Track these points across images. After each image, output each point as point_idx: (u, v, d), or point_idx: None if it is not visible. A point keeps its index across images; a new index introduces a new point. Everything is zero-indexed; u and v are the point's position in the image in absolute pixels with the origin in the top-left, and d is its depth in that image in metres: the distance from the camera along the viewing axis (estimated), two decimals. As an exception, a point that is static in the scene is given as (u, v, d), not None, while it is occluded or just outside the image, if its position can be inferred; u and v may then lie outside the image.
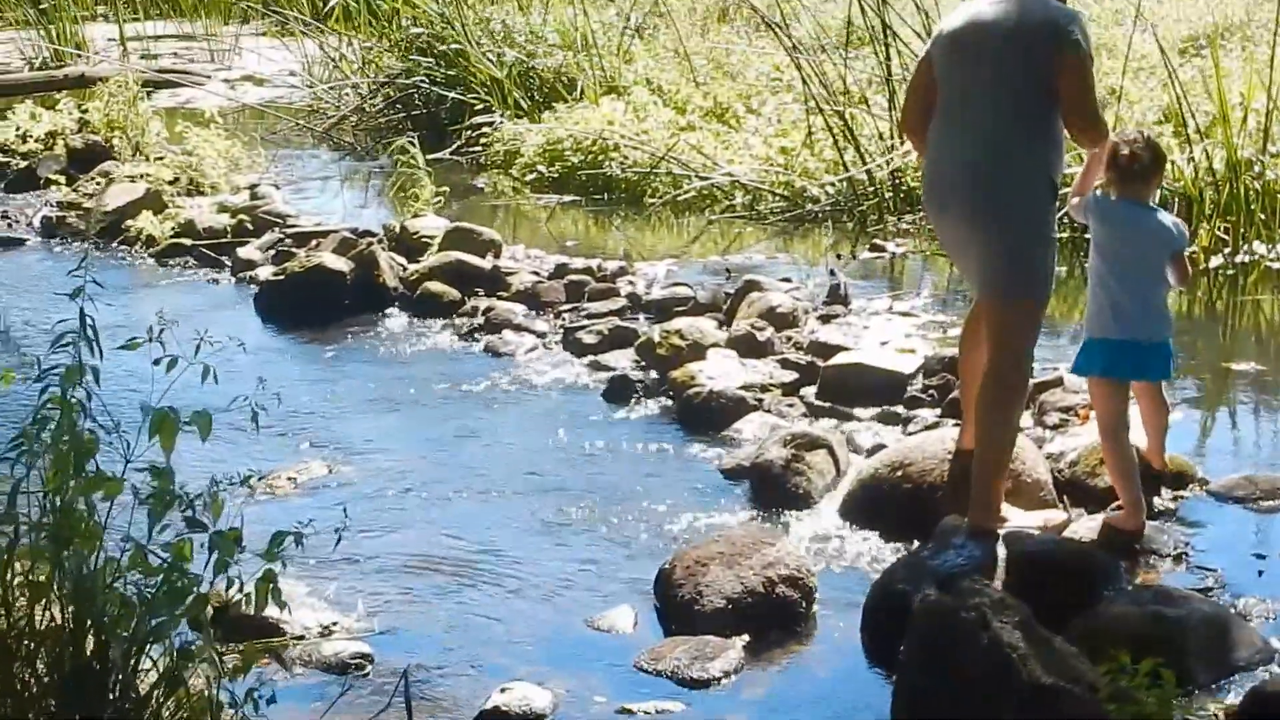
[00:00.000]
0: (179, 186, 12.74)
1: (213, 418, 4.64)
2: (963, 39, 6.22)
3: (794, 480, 7.03)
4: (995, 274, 6.22)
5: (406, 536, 6.80)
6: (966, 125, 6.21)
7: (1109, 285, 6.40)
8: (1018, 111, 6.12)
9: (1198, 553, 6.32)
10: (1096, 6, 17.22)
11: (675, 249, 11.50)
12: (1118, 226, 6.43)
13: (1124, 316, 6.38)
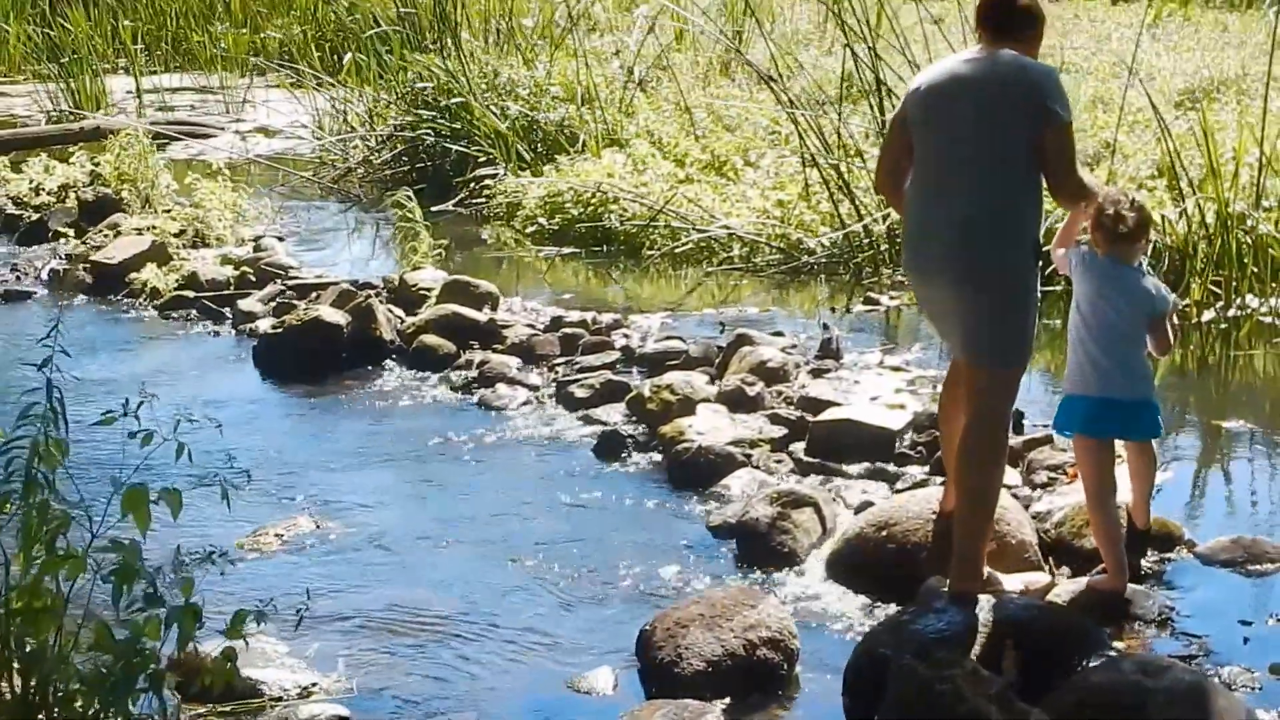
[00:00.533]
0: (185, 239, 12.63)
1: (207, 475, 4.47)
2: (942, 99, 6.04)
3: (779, 539, 6.86)
4: (980, 340, 6.07)
5: (391, 594, 6.64)
6: (950, 188, 6.03)
7: (1087, 343, 6.25)
8: (1003, 174, 5.95)
9: (1183, 618, 6.12)
10: (1095, 59, 17.10)
11: (672, 301, 11.35)
12: (1100, 285, 6.24)
13: (1102, 374, 6.23)
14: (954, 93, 5.99)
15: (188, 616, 4.19)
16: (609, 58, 17.03)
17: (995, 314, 6.00)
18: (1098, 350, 6.22)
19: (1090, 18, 21.56)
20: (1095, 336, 6.22)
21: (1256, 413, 8.85)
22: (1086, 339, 6.24)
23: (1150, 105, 11.39)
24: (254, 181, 15.86)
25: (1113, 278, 6.23)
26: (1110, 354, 6.21)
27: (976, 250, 5.97)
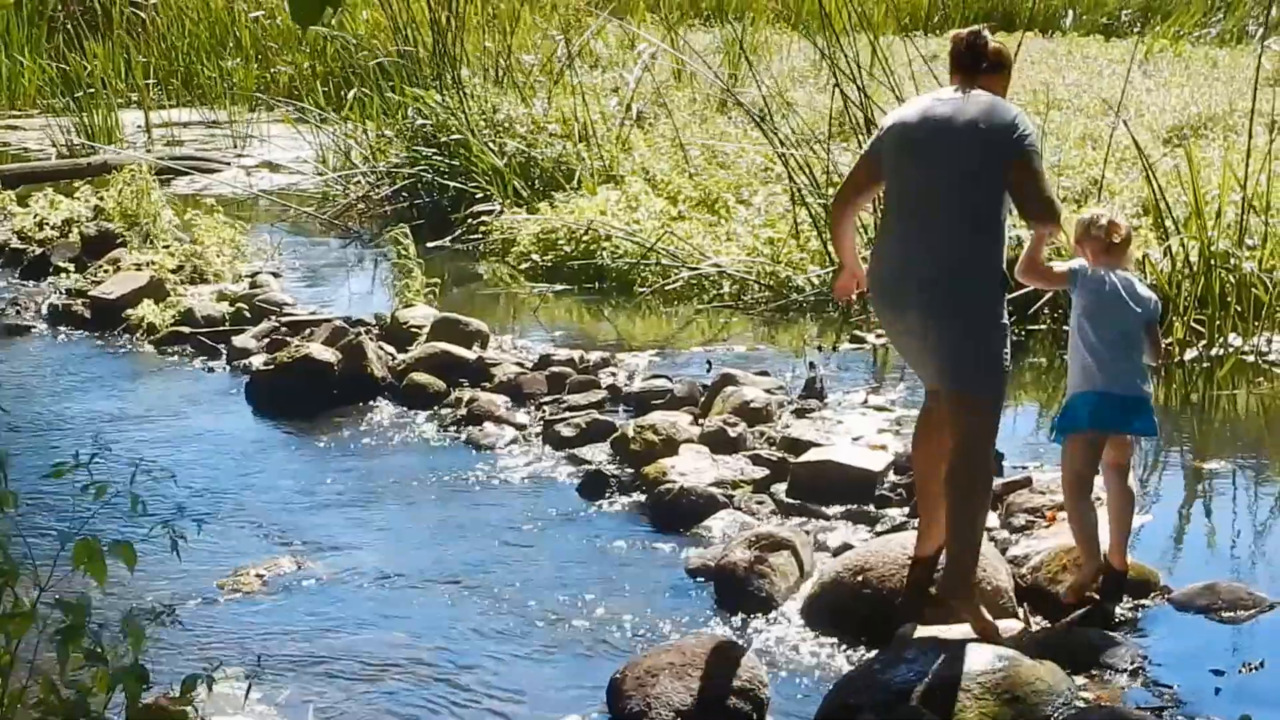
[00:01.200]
0: (183, 275, 12.50)
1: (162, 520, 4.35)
2: (920, 136, 6.07)
3: (757, 583, 6.71)
4: (957, 365, 6.07)
5: (367, 637, 6.50)
6: (926, 224, 6.04)
7: (1094, 346, 6.39)
8: (977, 212, 6.01)
9: (1155, 667, 5.96)
10: (1085, 95, 16.99)
11: (662, 338, 11.22)
12: (1107, 295, 6.40)
13: (1107, 371, 6.37)
14: (931, 130, 6.04)
15: (130, 679, 4.04)
16: (608, 94, 16.96)
17: (969, 339, 6.04)
18: (1104, 350, 6.37)
19: (1084, 54, 21.50)
20: (1100, 339, 6.37)
21: (1237, 454, 8.69)
22: (1093, 342, 6.38)
23: (1134, 145, 11.22)
24: (258, 216, 15.80)
25: (1115, 285, 6.41)
26: (1115, 353, 6.37)
27: (952, 282, 6.01)
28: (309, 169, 17.33)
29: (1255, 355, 10.02)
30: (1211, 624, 6.33)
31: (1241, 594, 6.44)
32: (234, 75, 21.67)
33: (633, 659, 5.93)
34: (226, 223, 13.30)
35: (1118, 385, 6.36)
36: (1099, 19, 25.27)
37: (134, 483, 4.61)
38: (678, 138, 14.80)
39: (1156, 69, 19.71)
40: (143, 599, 6.62)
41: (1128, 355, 6.41)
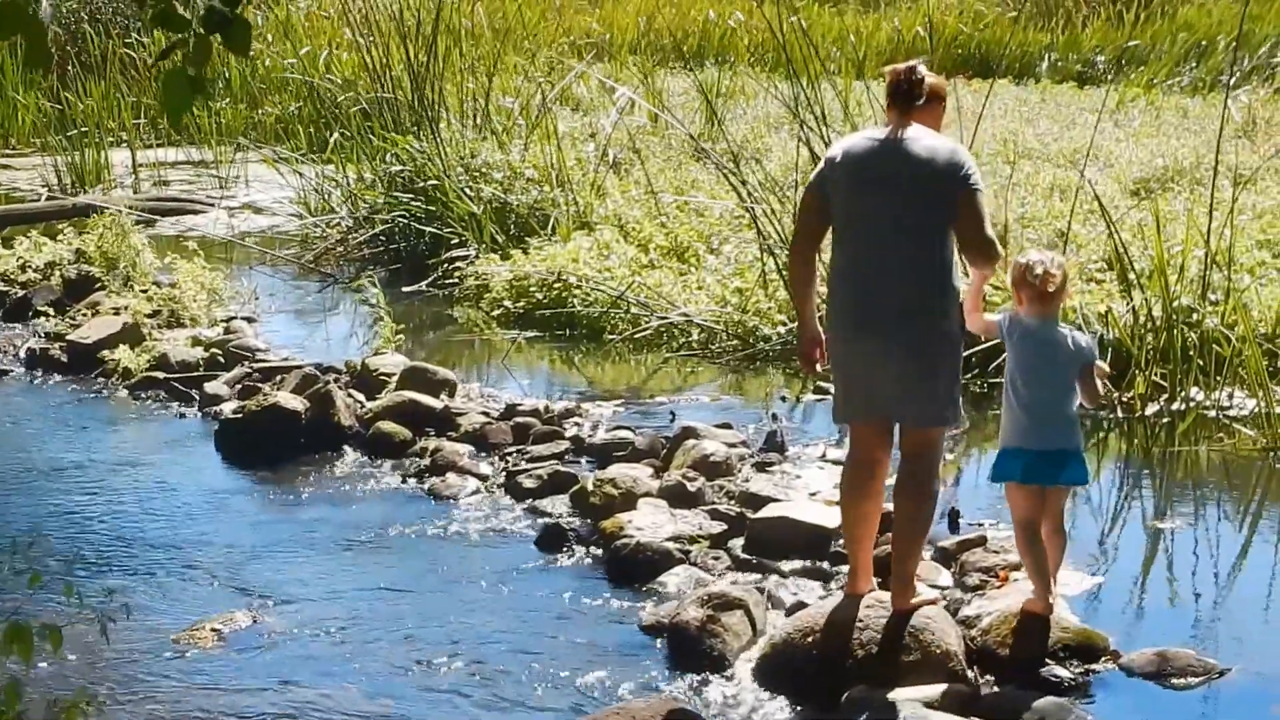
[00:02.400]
0: (159, 319, 12.39)
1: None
2: (870, 172, 6.25)
3: (709, 641, 6.60)
4: (922, 398, 6.30)
5: (318, 695, 6.39)
6: (885, 256, 6.25)
7: (1025, 399, 6.44)
8: (932, 245, 6.19)
9: (1101, 735, 5.86)
10: (1056, 145, 16.93)
11: (629, 386, 11.11)
12: (1036, 344, 6.46)
13: (1040, 428, 6.43)
14: (882, 166, 6.23)
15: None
16: (585, 139, 16.88)
17: (934, 370, 6.26)
18: (1036, 405, 6.42)
19: (1056, 101, 21.46)
20: (1033, 392, 6.42)
21: (1195, 513, 8.56)
22: (1025, 395, 6.43)
23: (1097, 202, 11.13)
24: (238, 258, 15.69)
25: (1048, 336, 6.46)
26: (1048, 407, 6.42)
27: (916, 310, 6.19)
28: (291, 211, 17.21)
29: (1217, 411, 9.91)
30: (1160, 690, 6.22)
31: (1192, 661, 6.33)
32: (222, 116, 21.57)
33: None
34: (205, 266, 13.18)
35: (1048, 442, 6.44)
36: (1074, 66, 25.24)
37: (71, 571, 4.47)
38: (650, 185, 14.70)
39: (1128, 118, 19.67)
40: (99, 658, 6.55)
41: (1059, 409, 6.46)
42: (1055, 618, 6.49)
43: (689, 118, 18.15)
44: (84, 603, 4.53)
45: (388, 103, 16.63)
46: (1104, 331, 10.27)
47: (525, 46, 21.79)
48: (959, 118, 12.66)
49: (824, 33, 24.09)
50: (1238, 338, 9.93)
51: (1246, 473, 9.22)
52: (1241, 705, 6.18)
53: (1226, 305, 10.24)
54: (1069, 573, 7.32)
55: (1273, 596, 7.41)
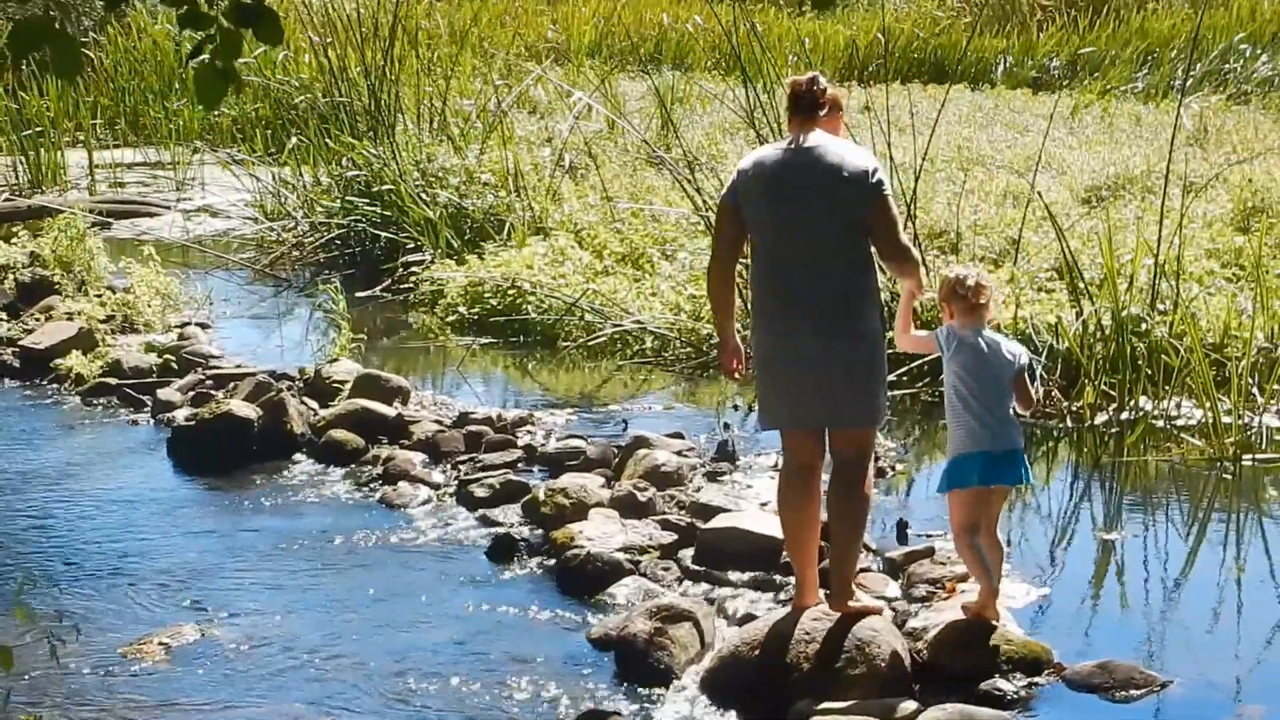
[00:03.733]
0: (113, 324, 12.33)
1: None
2: (786, 182, 6.36)
3: (656, 654, 6.59)
4: (859, 412, 6.45)
5: (262, 712, 6.35)
6: (809, 263, 6.35)
7: (973, 406, 6.55)
8: (854, 251, 6.36)
9: (1044, 748, 5.87)
10: (1009, 152, 16.98)
11: (583, 394, 11.10)
12: (977, 353, 6.56)
13: (991, 431, 6.55)
14: (794, 173, 6.36)
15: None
16: (541, 144, 16.86)
17: (863, 371, 6.39)
18: (984, 410, 6.54)
19: (1010, 108, 21.51)
20: (980, 399, 6.54)
21: (1141, 524, 8.59)
22: (971, 403, 6.55)
23: (1048, 211, 11.17)
24: (193, 262, 15.61)
25: (986, 345, 6.58)
26: (995, 412, 6.55)
27: (841, 307, 6.34)
28: (246, 214, 17.14)
29: (1165, 420, 9.94)
30: (1103, 704, 6.23)
31: (1134, 673, 6.35)
32: (179, 117, 21.46)
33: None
34: (160, 271, 13.11)
35: (1000, 443, 6.56)
36: (1029, 72, 25.32)
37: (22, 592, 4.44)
38: (605, 191, 14.69)
39: (1081, 125, 19.73)
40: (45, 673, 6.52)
41: (1005, 411, 6.59)
42: (1000, 630, 6.52)
43: (645, 123, 18.14)
44: (35, 621, 4.45)
45: (344, 106, 16.58)
46: (1054, 341, 10.32)
47: (482, 50, 21.74)
48: (913, 123, 12.71)
49: (780, 37, 24.14)
50: (1186, 348, 9.97)
51: (1194, 483, 9.26)
52: (1184, 717, 6.20)
53: (1175, 315, 10.28)
54: (1015, 584, 7.37)
55: (1219, 608, 7.42)
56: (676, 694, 6.44)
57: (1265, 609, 7.36)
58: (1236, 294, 10.98)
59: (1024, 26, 27.20)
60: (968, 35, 25.99)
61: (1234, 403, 9.58)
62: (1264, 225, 12.82)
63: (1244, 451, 9.35)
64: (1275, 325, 10.12)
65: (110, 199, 18.30)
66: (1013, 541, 8.05)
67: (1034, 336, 10.33)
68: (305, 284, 14.51)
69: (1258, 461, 9.31)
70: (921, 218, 12.67)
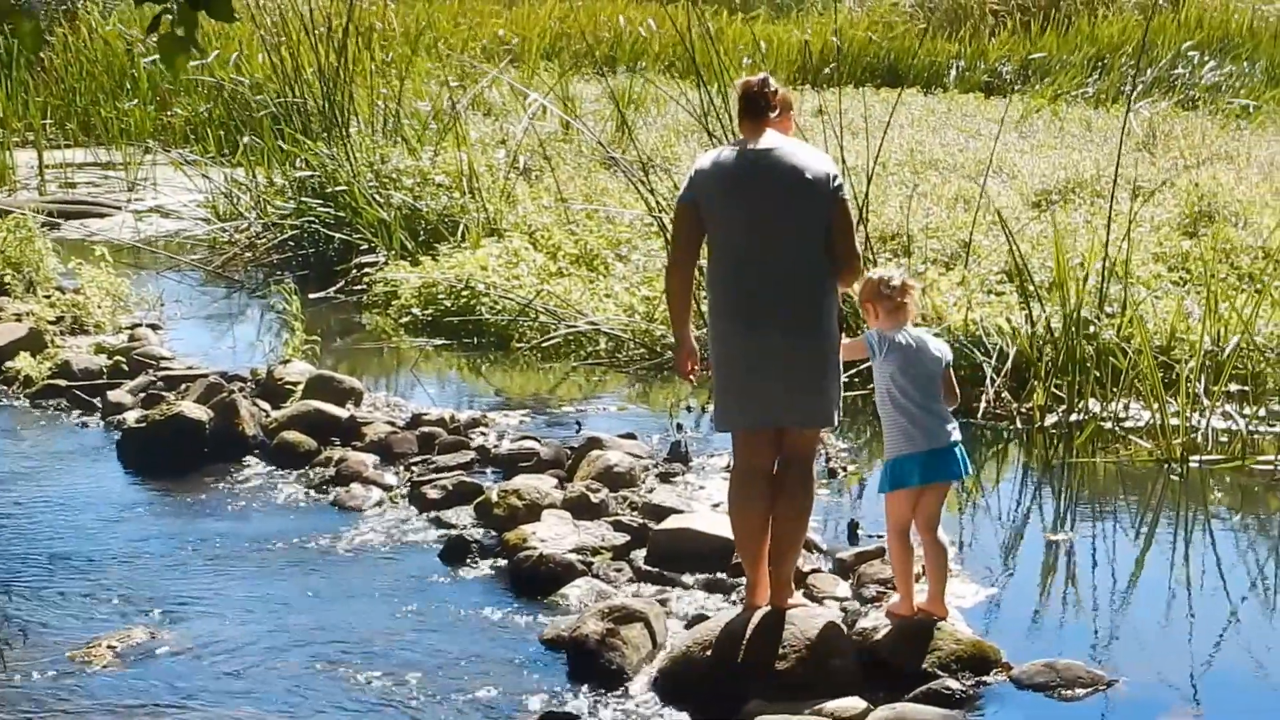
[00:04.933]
0: (63, 326, 12.28)
1: None
2: (742, 179, 6.39)
3: (608, 655, 6.60)
4: (815, 401, 6.47)
5: (215, 713, 6.32)
6: (770, 257, 6.37)
7: (910, 409, 6.59)
8: (810, 246, 6.38)
9: (992, 748, 5.92)
10: (961, 155, 17.08)
11: (537, 395, 11.12)
12: (908, 351, 6.61)
13: (928, 429, 6.60)
14: (753, 174, 6.39)
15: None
16: (496, 145, 16.87)
17: (826, 370, 6.45)
18: (920, 410, 6.59)
19: (963, 112, 21.62)
20: (914, 398, 6.58)
21: (1089, 524, 8.67)
22: (906, 403, 6.58)
23: (998, 215, 11.25)
24: (145, 263, 15.55)
25: (917, 344, 6.65)
26: (931, 409, 6.61)
27: (803, 307, 6.38)
28: (199, 215, 17.09)
29: (1113, 422, 10.02)
30: (1050, 702, 6.29)
31: (1080, 672, 6.41)
32: (130, 117, 21.38)
33: (478, 738, 5.83)
34: (111, 272, 13.06)
35: (938, 440, 6.61)
36: (980, 76, 25.46)
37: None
38: (559, 193, 14.72)
39: (1032, 129, 19.86)
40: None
41: (939, 407, 6.66)
42: (949, 629, 6.57)
43: (600, 125, 18.16)
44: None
45: (298, 107, 16.54)
46: (1004, 343, 10.39)
47: (437, 51, 21.72)
48: (866, 126, 12.78)
49: (735, 40, 24.20)
50: (1134, 350, 10.06)
51: (1142, 484, 9.35)
52: (1130, 716, 6.26)
53: (1123, 318, 10.38)
54: (964, 584, 7.43)
55: (1165, 608, 7.50)
56: (629, 694, 6.45)
57: (1211, 609, 7.43)
58: (1183, 297, 11.09)
59: (976, 31, 27.34)
60: (920, 39, 26.11)
61: (1181, 405, 9.68)
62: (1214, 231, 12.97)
63: (1191, 453, 9.45)
64: (1221, 328, 10.21)
65: (60, 199, 18.22)
66: (962, 542, 8.12)
67: (984, 338, 10.41)
68: (258, 285, 14.48)
69: (1204, 463, 9.40)
70: (874, 220, 12.75)
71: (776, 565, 6.59)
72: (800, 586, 7.27)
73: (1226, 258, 12.38)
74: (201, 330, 13.25)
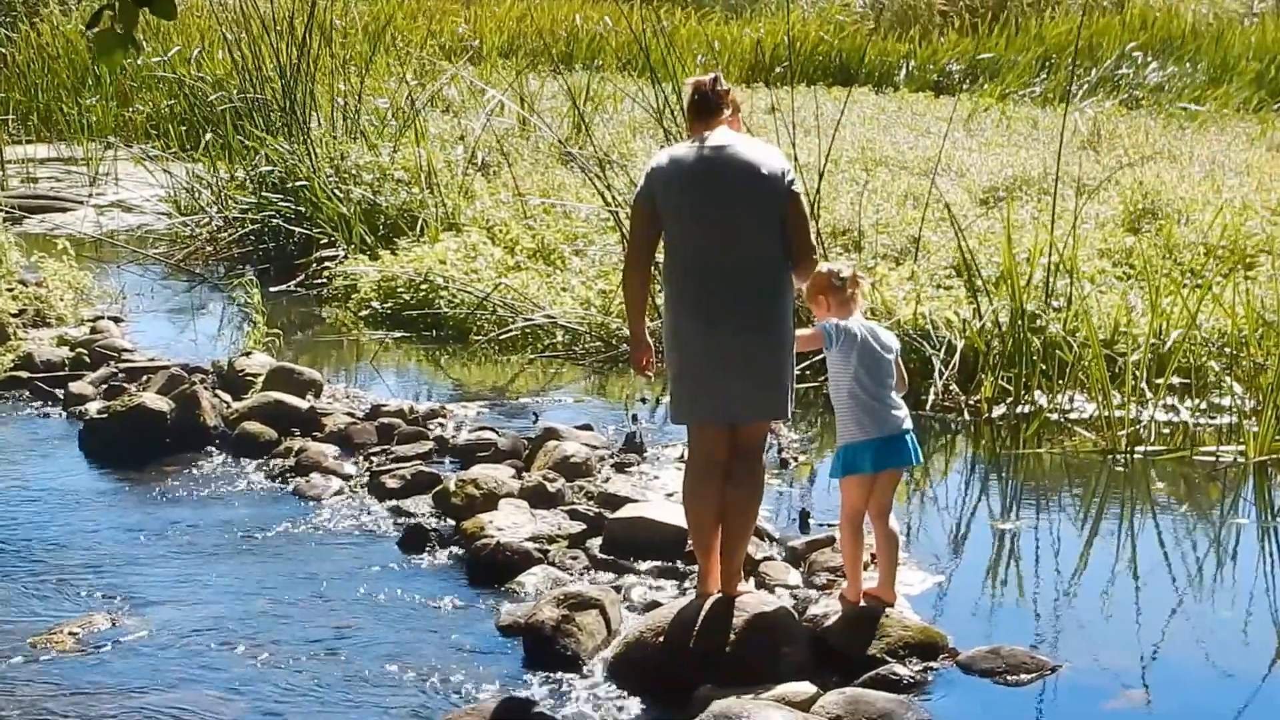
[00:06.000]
0: (25, 318, 12.20)
1: None
2: (700, 176, 6.38)
3: (564, 641, 6.60)
4: (772, 395, 6.47)
5: (175, 697, 6.28)
6: (728, 254, 6.35)
7: (863, 398, 6.63)
8: (768, 242, 6.38)
9: (939, 732, 5.95)
10: (911, 153, 17.14)
11: (494, 387, 11.11)
12: (861, 341, 6.65)
13: (882, 416, 6.64)
14: (710, 171, 6.38)
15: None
16: (454, 142, 16.84)
17: (782, 364, 6.44)
18: (873, 398, 6.63)
19: (913, 110, 21.70)
20: (869, 387, 6.63)
21: (1035, 514, 8.74)
22: (859, 391, 6.63)
23: (947, 211, 11.30)
24: (107, 256, 15.48)
25: (865, 331, 6.69)
26: (884, 397, 6.66)
27: (762, 302, 6.37)
28: (160, 210, 17.01)
29: (1059, 414, 10.09)
30: (996, 688, 6.32)
31: (1024, 657, 6.45)
32: (92, 113, 21.27)
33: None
34: (73, 265, 13.00)
35: (890, 427, 6.65)
36: (930, 76, 25.56)
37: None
38: (517, 188, 14.71)
39: (980, 128, 19.94)
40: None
41: (891, 396, 6.69)
42: (898, 616, 6.61)
43: (557, 122, 18.16)
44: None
45: (258, 103, 16.48)
46: (952, 337, 10.44)
47: (396, 48, 21.67)
48: (818, 124, 12.81)
49: (689, 39, 24.22)
50: (1079, 343, 10.13)
51: (1087, 474, 9.40)
52: (1074, 700, 6.29)
53: (1069, 312, 10.44)
54: (912, 572, 7.47)
55: (1109, 595, 7.55)
56: (583, 679, 6.45)
57: (1153, 596, 7.49)
58: (1128, 292, 11.16)
59: (926, 32, 27.44)
60: (871, 39, 26.19)
61: (1125, 397, 9.74)
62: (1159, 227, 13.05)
63: (1134, 444, 9.52)
64: (1164, 323, 10.28)
65: (23, 194, 18.11)
66: (911, 530, 8.17)
67: (933, 332, 10.46)
68: (219, 279, 14.42)
69: (1147, 454, 9.47)
70: (825, 217, 12.79)
71: (728, 554, 6.61)
72: (752, 574, 7.31)
73: (1169, 254, 12.45)
74: (163, 323, 13.21)
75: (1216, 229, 12.72)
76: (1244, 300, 10.33)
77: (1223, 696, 6.40)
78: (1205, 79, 24.63)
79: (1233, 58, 25.40)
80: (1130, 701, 6.31)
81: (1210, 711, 6.27)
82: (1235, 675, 6.59)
